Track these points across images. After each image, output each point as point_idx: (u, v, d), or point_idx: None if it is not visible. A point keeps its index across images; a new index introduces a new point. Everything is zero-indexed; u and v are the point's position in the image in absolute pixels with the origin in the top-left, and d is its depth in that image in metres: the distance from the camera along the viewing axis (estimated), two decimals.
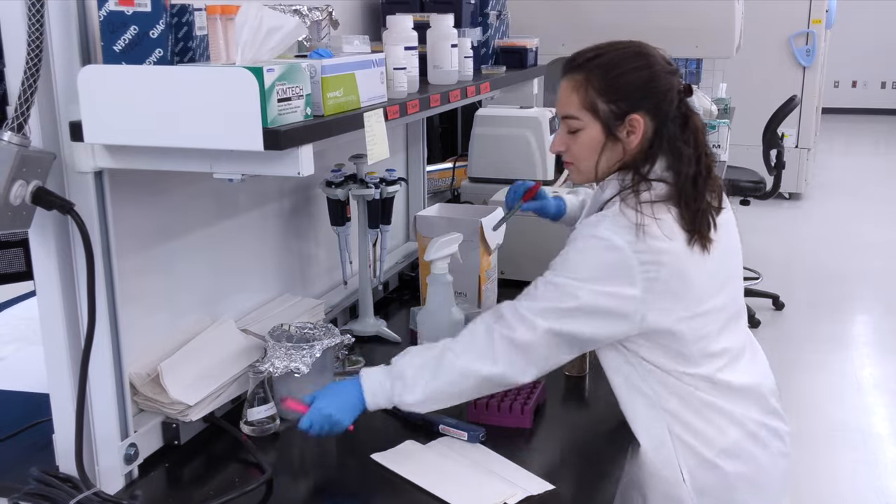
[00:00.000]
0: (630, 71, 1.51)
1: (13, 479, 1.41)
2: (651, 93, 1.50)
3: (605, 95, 1.50)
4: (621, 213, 1.46)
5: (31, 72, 1.20)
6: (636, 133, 1.50)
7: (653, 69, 1.51)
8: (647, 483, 1.56)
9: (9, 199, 1.22)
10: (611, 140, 1.52)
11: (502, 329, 1.46)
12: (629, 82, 1.50)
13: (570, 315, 1.44)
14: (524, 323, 1.45)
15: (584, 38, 3.17)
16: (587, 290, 1.44)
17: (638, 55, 1.52)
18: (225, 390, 1.62)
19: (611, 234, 1.44)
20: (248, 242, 1.85)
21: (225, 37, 1.40)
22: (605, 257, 1.44)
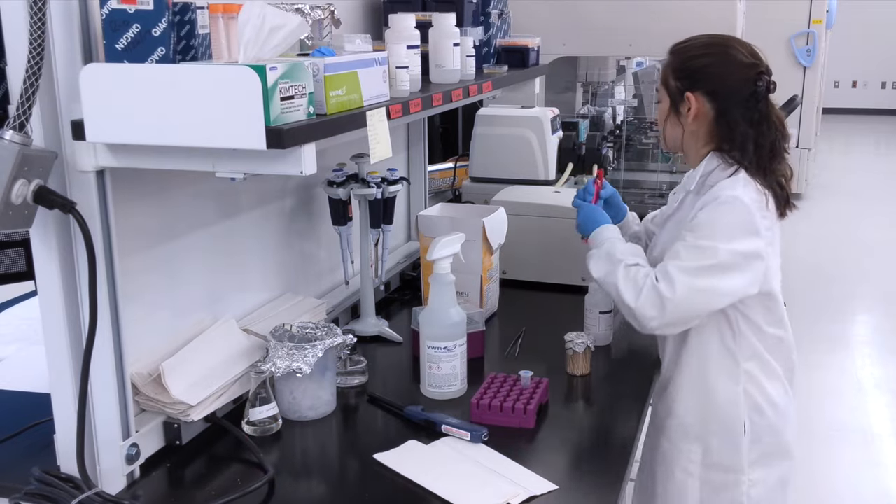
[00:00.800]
0: (698, 56, 1.76)
1: (14, 479, 1.40)
2: (712, 77, 1.73)
3: (675, 74, 1.78)
4: (749, 180, 1.70)
5: (32, 70, 1.19)
6: (692, 110, 1.74)
7: (723, 57, 1.74)
8: (709, 434, 1.78)
9: (10, 199, 1.22)
10: (673, 112, 1.79)
11: (654, 281, 1.68)
12: (694, 65, 1.76)
13: (709, 272, 1.65)
14: (666, 278, 1.66)
15: (585, 37, 3.18)
16: (725, 249, 1.65)
17: (712, 45, 1.77)
18: (227, 390, 1.61)
19: (744, 195, 1.67)
20: (250, 242, 1.84)
21: (227, 35, 1.40)
22: (738, 217, 1.67)
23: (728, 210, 1.67)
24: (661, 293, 1.65)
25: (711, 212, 1.68)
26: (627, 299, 1.69)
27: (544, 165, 2.86)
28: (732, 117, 1.72)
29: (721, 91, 1.73)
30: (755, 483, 1.78)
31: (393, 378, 1.91)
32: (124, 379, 1.41)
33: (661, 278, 1.67)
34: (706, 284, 1.66)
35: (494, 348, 2.03)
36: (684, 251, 1.67)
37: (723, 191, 1.69)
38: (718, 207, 1.67)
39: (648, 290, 1.67)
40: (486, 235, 2.10)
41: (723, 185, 1.70)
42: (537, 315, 2.25)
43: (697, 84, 1.74)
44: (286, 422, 1.64)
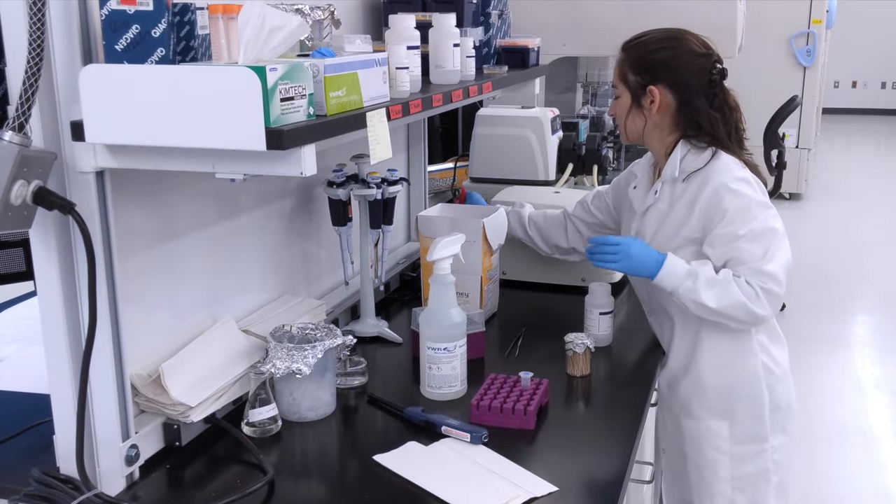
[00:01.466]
0: (656, 50, 1.85)
1: (14, 480, 1.40)
2: (672, 69, 1.82)
3: (633, 68, 1.85)
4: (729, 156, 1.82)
5: (32, 71, 1.19)
6: (656, 102, 1.83)
7: (678, 50, 1.83)
8: (735, 409, 1.88)
9: (10, 199, 1.21)
10: (635, 106, 1.86)
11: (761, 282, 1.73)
12: (653, 59, 1.84)
13: (780, 246, 1.77)
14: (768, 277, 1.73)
15: (585, 38, 3.18)
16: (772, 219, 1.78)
17: (666, 38, 1.86)
18: (226, 391, 1.61)
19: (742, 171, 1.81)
20: (250, 243, 1.84)
21: (227, 36, 1.39)
22: (756, 190, 1.80)
23: (746, 188, 1.78)
24: (775, 293, 1.74)
25: (734, 198, 1.76)
26: (762, 313, 1.74)
27: (544, 166, 2.86)
28: (695, 105, 1.82)
29: (681, 81, 1.82)
30: (777, 448, 1.91)
31: (393, 379, 1.91)
32: (124, 380, 1.41)
33: (764, 279, 1.73)
34: (785, 257, 1.77)
35: (494, 349, 2.03)
36: (753, 246, 1.75)
37: (721, 175, 1.79)
38: (738, 191, 1.77)
39: (763, 294, 1.73)
40: (486, 236, 2.09)
41: (716, 168, 1.80)
42: (537, 316, 2.24)
43: (658, 77, 1.83)
44: (286, 423, 1.63)
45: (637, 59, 1.85)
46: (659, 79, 1.83)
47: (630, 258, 1.82)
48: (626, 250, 1.82)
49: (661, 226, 1.88)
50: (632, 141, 1.94)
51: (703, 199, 1.80)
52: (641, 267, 1.81)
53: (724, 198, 1.77)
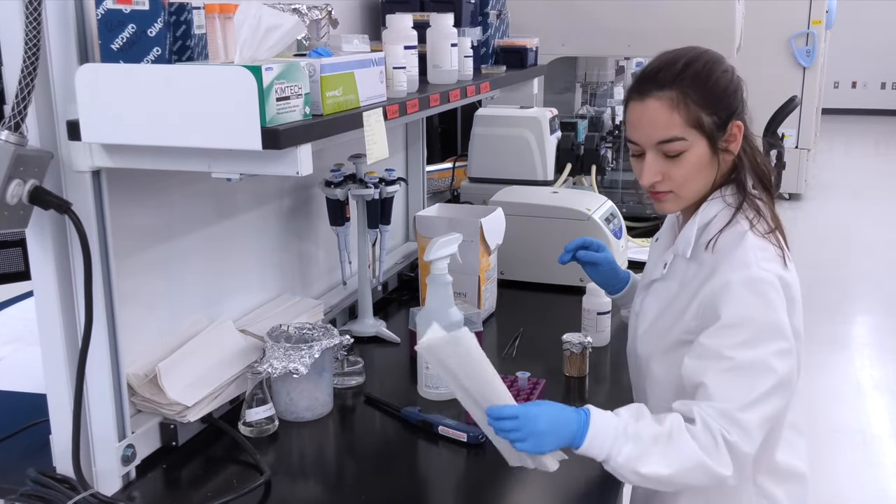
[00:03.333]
0: (721, 76, 1.39)
1: (10, 479, 1.40)
2: (736, 94, 1.40)
3: (707, 107, 1.37)
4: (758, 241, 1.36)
5: (28, 70, 1.19)
6: (737, 140, 1.40)
7: (727, 71, 1.41)
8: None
9: (5, 199, 1.21)
10: (714, 154, 1.39)
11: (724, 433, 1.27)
12: (724, 88, 1.39)
13: (772, 393, 1.29)
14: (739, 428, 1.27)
15: (584, 38, 3.18)
16: (777, 358, 1.29)
17: (719, 59, 1.42)
18: (223, 391, 1.61)
19: (762, 271, 1.32)
20: (247, 242, 1.84)
21: (223, 35, 1.40)
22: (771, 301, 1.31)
23: (756, 299, 1.30)
24: (740, 450, 1.27)
25: (737, 305, 1.30)
26: (724, 472, 1.27)
27: (543, 166, 2.85)
28: (751, 141, 1.43)
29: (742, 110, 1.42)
30: None
31: (390, 379, 1.91)
32: (120, 380, 1.41)
33: (730, 429, 1.27)
34: (771, 410, 1.30)
35: (492, 349, 2.03)
36: (734, 381, 1.28)
37: (735, 267, 1.33)
38: (743, 299, 1.30)
39: (728, 447, 1.26)
40: (483, 236, 2.09)
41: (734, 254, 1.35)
42: (535, 316, 2.24)
43: (732, 107, 1.39)
44: (283, 423, 1.63)
45: (708, 92, 1.37)
46: (734, 109, 1.39)
47: (540, 436, 1.28)
48: (532, 426, 1.28)
49: (664, 311, 1.46)
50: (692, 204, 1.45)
51: (707, 290, 1.35)
52: (558, 439, 1.29)
53: (726, 299, 1.31)
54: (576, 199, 2.46)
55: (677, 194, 1.42)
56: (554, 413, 1.31)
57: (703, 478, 1.28)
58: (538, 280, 2.41)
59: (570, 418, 1.31)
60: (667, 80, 1.37)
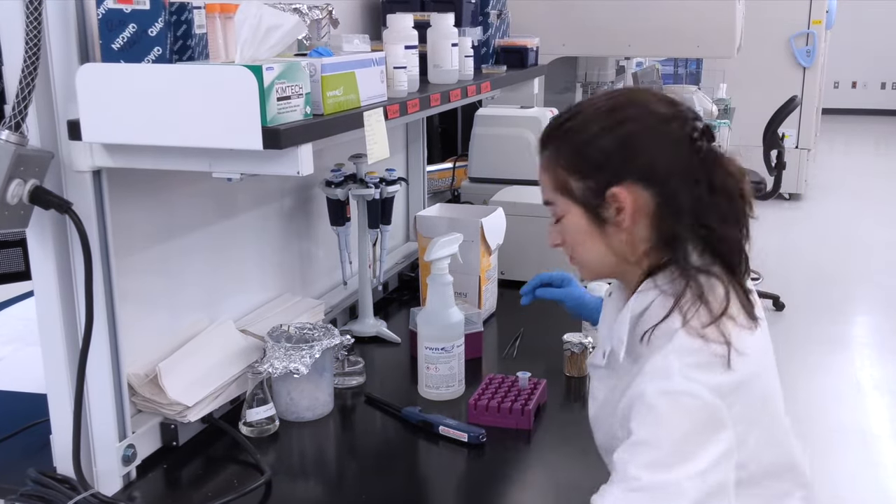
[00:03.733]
0: (598, 134, 1.18)
1: (10, 480, 1.40)
2: (633, 155, 1.16)
3: (575, 172, 1.19)
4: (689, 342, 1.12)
5: (28, 70, 1.19)
6: (625, 209, 1.16)
7: (632, 124, 1.17)
8: None
9: (6, 199, 1.21)
10: (597, 224, 1.19)
11: None
12: (597, 148, 1.17)
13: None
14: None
15: (584, 38, 3.18)
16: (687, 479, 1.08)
17: (609, 110, 1.19)
18: (224, 391, 1.61)
19: (686, 381, 1.10)
20: (248, 242, 1.84)
21: (224, 35, 1.40)
22: (691, 419, 1.10)
23: (672, 415, 1.10)
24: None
25: (648, 422, 1.10)
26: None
27: None
28: (684, 201, 1.15)
29: (654, 171, 1.16)
30: None
31: (391, 379, 1.91)
32: (121, 380, 1.41)
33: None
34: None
35: (492, 349, 2.03)
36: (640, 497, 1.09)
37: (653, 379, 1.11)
38: (656, 414, 1.10)
39: None
40: (484, 236, 2.09)
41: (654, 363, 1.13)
42: (535, 316, 2.24)
43: (620, 173, 1.16)
44: (283, 423, 1.63)
45: (575, 154, 1.19)
46: (621, 175, 1.16)
47: None
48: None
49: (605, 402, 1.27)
50: (606, 276, 1.28)
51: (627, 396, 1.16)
52: None
53: (639, 411, 1.11)
54: None
55: (578, 262, 1.27)
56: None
57: None
58: None
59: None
60: (544, 139, 1.25)
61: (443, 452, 1.57)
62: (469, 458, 1.55)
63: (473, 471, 1.53)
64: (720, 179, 1.17)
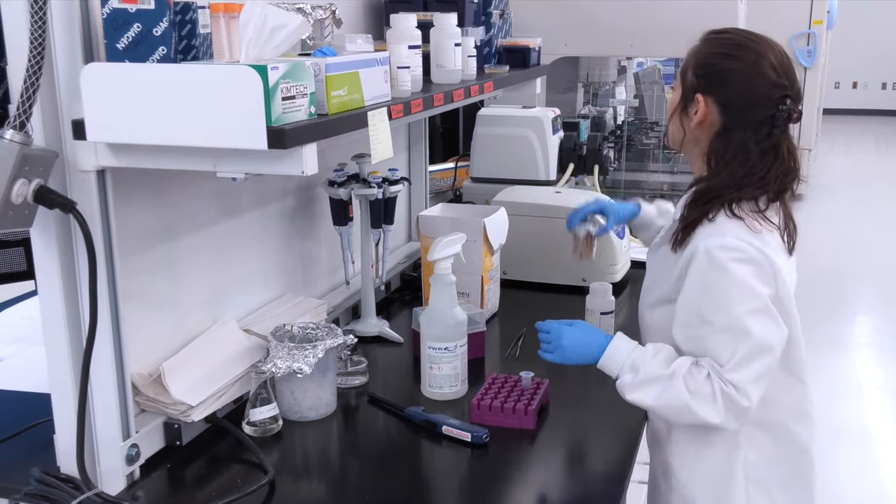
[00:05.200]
0: (730, 56, 1.51)
1: (14, 479, 1.40)
2: (734, 85, 1.49)
3: (696, 67, 1.54)
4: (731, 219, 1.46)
5: (33, 70, 1.19)
6: (699, 114, 1.52)
7: (752, 68, 1.49)
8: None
9: (10, 198, 1.21)
10: (681, 109, 1.56)
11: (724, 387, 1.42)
12: (719, 65, 1.51)
13: (757, 353, 1.41)
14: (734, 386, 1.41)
15: (586, 38, 3.18)
16: (749, 316, 1.41)
17: (744, 47, 1.51)
18: (227, 391, 1.61)
19: (736, 240, 1.43)
20: (251, 242, 1.84)
21: (228, 35, 1.39)
22: (741, 271, 1.42)
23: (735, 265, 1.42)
24: (739, 403, 1.41)
25: (712, 272, 1.43)
26: (709, 417, 1.42)
27: (545, 166, 2.85)
28: (736, 138, 1.49)
29: (735, 104, 1.49)
30: None
31: (393, 379, 1.91)
32: (124, 379, 1.41)
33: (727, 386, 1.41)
34: (757, 371, 1.41)
35: (495, 349, 2.03)
36: (720, 342, 1.42)
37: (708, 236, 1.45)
38: (722, 263, 1.42)
39: (723, 399, 1.41)
40: (486, 236, 2.09)
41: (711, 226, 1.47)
42: (538, 316, 2.22)
43: (713, 88, 1.51)
44: (287, 422, 1.63)
45: (704, 57, 1.53)
46: (713, 90, 1.50)
47: (563, 350, 1.55)
48: (557, 340, 1.56)
49: (657, 269, 1.60)
50: (671, 146, 1.64)
51: (684, 257, 1.48)
52: (579, 356, 1.55)
53: (703, 267, 1.44)
54: (578, 199, 2.45)
55: (666, 128, 1.66)
56: (579, 334, 1.57)
57: (689, 417, 1.45)
58: (541, 280, 2.40)
59: (592, 342, 1.54)
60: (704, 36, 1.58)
61: (446, 452, 1.57)
62: (472, 458, 1.55)
63: (476, 471, 1.53)
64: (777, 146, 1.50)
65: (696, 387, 1.42)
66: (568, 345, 1.55)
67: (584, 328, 1.58)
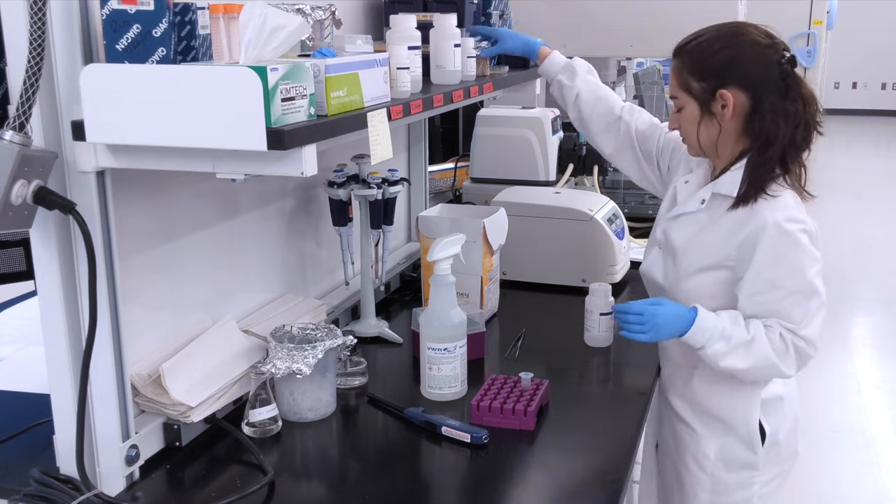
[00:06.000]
0: (718, 50, 1.66)
1: (13, 480, 1.40)
2: (739, 67, 1.64)
3: (695, 75, 1.67)
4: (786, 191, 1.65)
5: (32, 70, 1.19)
6: (729, 107, 1.65)
7: (741, 45, 1.65)
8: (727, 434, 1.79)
9: (10, 199, 1.21)
10: (706, 115, 1.68)
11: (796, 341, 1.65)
12: (715, 60, 1.66)
13: (821, 306, 1.67)
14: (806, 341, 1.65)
15: (586, 38, 3.18)
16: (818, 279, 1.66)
17: (727, 35, 1.67)
18: (227, 391, 1.61)
19: (798, 215, 1.63)
20: (250, 243, 1.84)
21: (228, 36, 1.39)
22: (809, 237, 1.63)
23: (802, 235, 1.62)
24: (807, 354, 1.66)
25: (785, 242, 1.62)
26: (790, 371, 1.66)
27: (545, 166, 2.86)
28: (770, 102, 1.63)
29: (753, 79, 1.64)
30: (766, 482, 1.80)
31: (393, 379, 1.91)
32: (124, 380, 1.41)
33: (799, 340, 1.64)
34: (823, 315, 1.68)
35: (495, 350, 2.03)
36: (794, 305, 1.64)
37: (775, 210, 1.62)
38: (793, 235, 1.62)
39: (794, 353, 1.64)
40: (486, 236, 2.09)
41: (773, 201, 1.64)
42: (538, 316, 2.24)
43: (727, 78, 1.64)
44: (286, 423, 1.63)
45: (697, 63, 1.67)
46: (728, 80, 1.64)
47: (658, 328, 1.66)
48: (653, 320, 1.66)
49: (694, 238, 1.73)
50: (705, 154, 1.75)
51: (751, 229, 1.64)
52: (671, 332, 1.67)
53: (775, 238, 1.62)
54: (578, 199, 2.46)
55: (687, 143, 1.76)
56: (670, 312, 1.67)
57: (772, 373, 1.68)
58: (541, 280, 2.41)
59: (682, 315, 1.66)
60: (676, 51, 1.72)
61: (445, 453, 1.57)
62: (472, 458, 1.55)
63: (476, 472, 1.53)
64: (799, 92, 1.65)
65: (777, 346, 1.63)
66: (664, 322, 1.66)
67: (671, 305, 1.68)
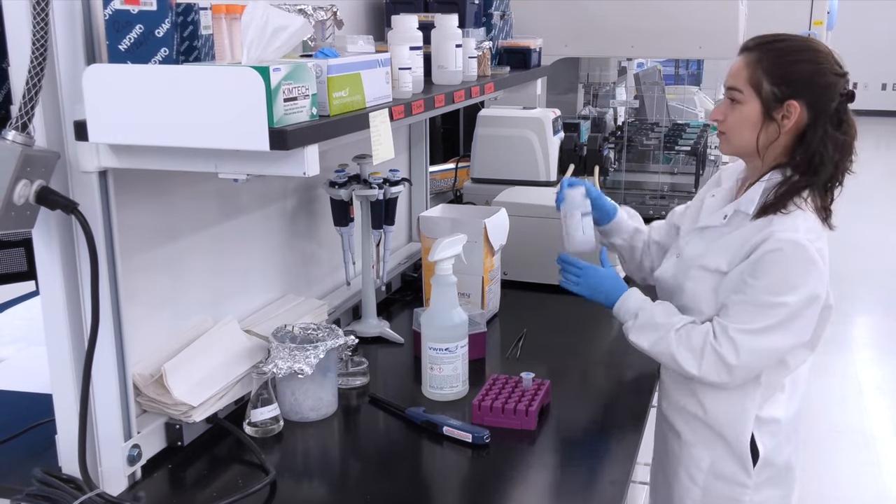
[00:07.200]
0: (800, 61, 1.63)
1: (16, 479, 1.40)
2: (814, 86, 1.62)
3: (771, 77, 1.62)
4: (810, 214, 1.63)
5: (35, 71, 1.19)
6: (790, 118, 1.62)
7: (821, 65, 1.63)
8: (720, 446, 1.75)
9: (13, 199, 1.21)
10: (766, 120, 1.64)
11: (715, 343, 1.61)
12: (795, 71, 1.62)
13: (775, 330, 1.60)
14: (729, 342, 1.60)
15: (587, 39, 3.18)
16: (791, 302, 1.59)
17: (810, 49, 1.64)
18: (228, 391, 1.61)
19: (803, 236, 1.60)
20: (252, 243, 1.84)
21: (230, 36, 1.39)
22: (800, 261, 1.59)
23: (789, 257, 1.58)
24: (725, 359, 1.60)
25: (771, 262, 1.58)
26: (688, 367, 1.63)
27: (545, 166, 2.86)
28: (824, 129, 1.62)
29: (819, 101, 1.62)
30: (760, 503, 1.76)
31: (394, 379, 1.91)
32: (126, 380, 1.41)
33: (722, 341, 1.60)
34: (773, 343, 1.61)
35: (496, 350, 2.03)
36: (746, 311, 1.59)
37: (781, 232, 1.59)
38: (778, 256, 1.58)
39: (710, 354, 1.61)
40: (487, 236, 2.10)
41: (785, 220, 1.61)
42: (539, 316, 2.24)
43: (800, 91, 1.61)
44: (287, 423, 1.64)
45: (776, 66, 1.62)
46: (800, 94, 1.61)
47: (591, 288, 1.77)
48: (588, 278, 1.77)
49: (711, 245, 1.71)
50: (739, 153, 1.73)
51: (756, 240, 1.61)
52: (600, 295, 1.76)
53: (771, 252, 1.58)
54: None
55: (728, 138, 1.70)
56: (605, 277, 1.77)
57: (674, 366, 1.67)
58: (541, 281, 2.40)
59: (616, 287, 1.75)
60: (756, 45, 1.66)
61: (447, 453, 1.57)
62: (473, 458, 1.55)
63: (477, 472, 1.53)
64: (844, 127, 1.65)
65: (686, 340, 1.63)
66: (596, 284, 1.76)
67: (611, 275, 1.77)
